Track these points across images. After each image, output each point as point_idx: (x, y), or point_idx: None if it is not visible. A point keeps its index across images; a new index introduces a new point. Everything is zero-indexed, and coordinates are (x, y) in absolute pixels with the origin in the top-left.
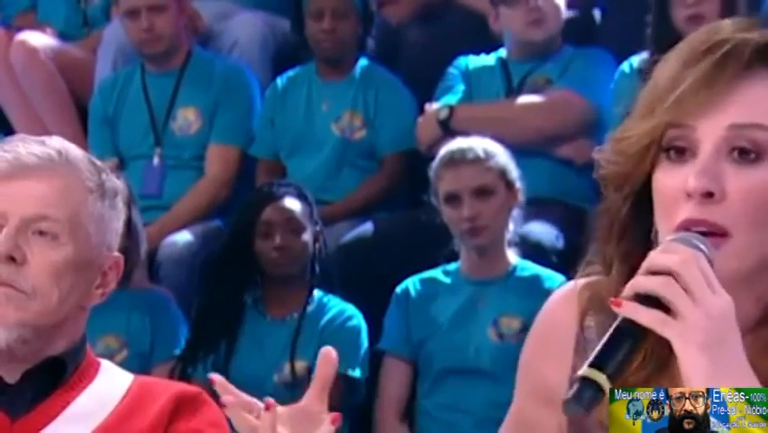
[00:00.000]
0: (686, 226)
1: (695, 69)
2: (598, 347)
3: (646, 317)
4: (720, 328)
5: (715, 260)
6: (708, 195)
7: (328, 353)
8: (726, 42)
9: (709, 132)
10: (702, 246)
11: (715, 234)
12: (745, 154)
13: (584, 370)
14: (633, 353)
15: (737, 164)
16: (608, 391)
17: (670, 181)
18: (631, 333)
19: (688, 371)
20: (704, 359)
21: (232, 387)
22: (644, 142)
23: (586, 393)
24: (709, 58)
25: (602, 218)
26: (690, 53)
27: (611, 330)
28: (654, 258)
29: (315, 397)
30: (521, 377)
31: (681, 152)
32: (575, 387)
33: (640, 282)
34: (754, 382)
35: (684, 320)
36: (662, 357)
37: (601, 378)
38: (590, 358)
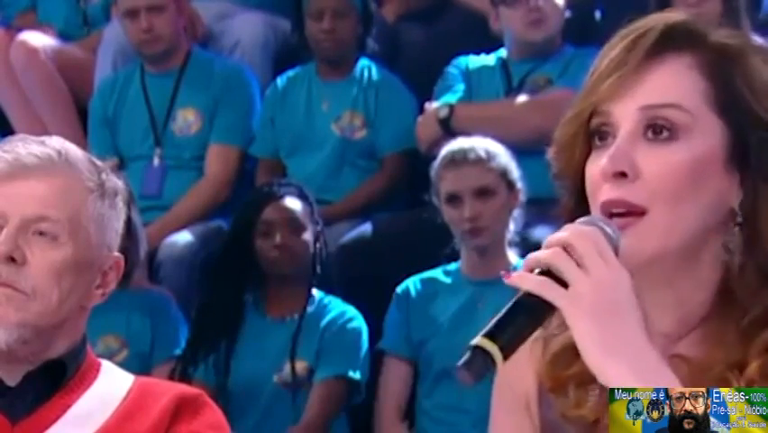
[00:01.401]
0: (604, 208)
1: (608, 55)
2: (495, 318)
3: (534, 284)
4: (612, 298)
5: (635, 238)
6: (622, 174)
7: None
8: (638, 29)
9: (624, 114)
10: (604, 226)
11: (632, 213)
12: (658, 133)
13: (477, 339)
14: (529, 326)
15: (652, 143)
16: (499, 361)
17: (594, 167)
18: (528, 306)
19: (578, 339)
20: (594, 328)
21: None
22: (571, 131)
23: (476, 362)
24: (621, 43)
25: (561, 219)
26: (611, 42)
27: (509, 303)
28: (550, 235)
29: None
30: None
31: (604, 138)
32: (467, 355)
33: (533, 255)
34: (650, 356)
35: (573, 288)
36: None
37: (494, 349)
38: (485, 328)
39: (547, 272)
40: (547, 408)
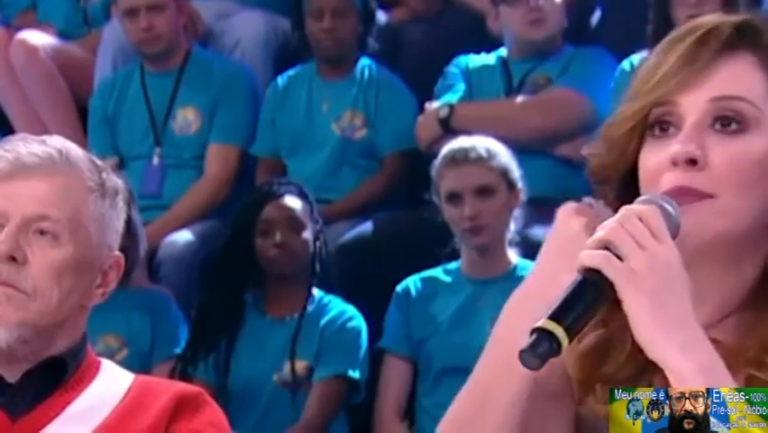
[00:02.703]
0: (670, 194)
1: (676, 50)
2: (558, 301)
3: (593, 258)
4: (664, 275)
5: (698, 218)
6: (692, 162)
7: None
8: (706, 24)
9: (692, 106)
10: (664, 204)
11: (700, 196)
12: (727, 125)
13: (541, 321)
14: (592, 308)
15: (720, 135)
16: (564, 343)
17: (655, 157)
18: (589, 285)
19: (630, 313)
20: (647, 303)
21: None
22: (630, 124)
23: (542, 345)
24: (690, 38)
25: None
26: (672, 39)
27: (571, 284)
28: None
29: None
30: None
31: (666, 129)
32: (531, 338)
33: (595, 236)
34: (696, 334)
35: (628, 264)
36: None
37: (558, 330)
38: (549, 310)
39: (607, 250)
40: (585, 406)
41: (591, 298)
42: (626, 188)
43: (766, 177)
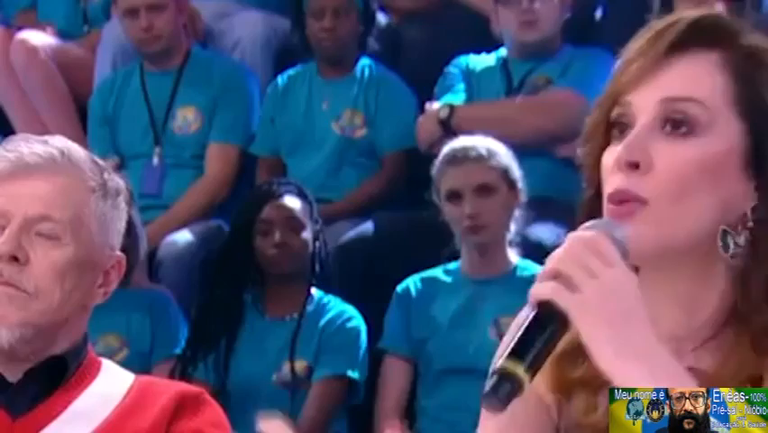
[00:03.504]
0: (610, 198)
1: (633, 48)
2: (515, 338)
3: (544, 290)
4: (618, 302)
5: (635, 229)
6: (634, 165)
7: None
8: (667, 21)
9: (643, 105)
10: (611, 229)
11: (635, 201)
12: (677, 128)
13: (501, 362)
14: (550, 341)
15: (669, 137)
16: (526, 383)
17: (610, 158)
18: (545, 319)
19: (589, 344)
20: (604, 332)
21: None
22: (594, 122)
23: (503, 387)
24: (645, 36)
25: (580, 214)
26: (637, 37)
27: (527, 319)
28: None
29: None
30: None
31: (623, 130)
32: (492, 380)
33: (545, 267)
34: (661, 354)
35: (581, 292)
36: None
37: (519, 370)
38: (507, 349)
39: (558, 279)
40: (566, 415)
41: (548, 331)
42: (596, 186)
43: (712, 183)
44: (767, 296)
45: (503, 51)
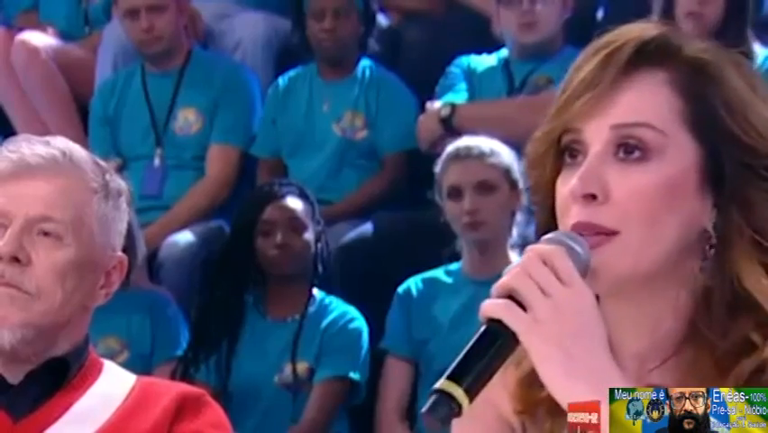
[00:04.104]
0: (574, 231)
1: (582, 71)
2: (458, 358)
3: (494, 308)
4: (571, 322)
5: (604, 258)
6: (591, 197)
7: None
8: (612, 43)
9: (595, 133)
10: (572, 243)
11: (603, 234)
12: (629, 153)
13: (441, 382)
14: (495, 361)
15: (623, 163)
16: (465, 405)
17: (563, 187)
18: (491, 337)
19: (537, 364)
20: (553, 352)
21: None
22: (542, 148)
23: (441, 407)
24: (594, 59)
25: (536, 238)
26: (583, 56)
27: (473, 339)
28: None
29: None
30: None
31: (574, 156)
32: (431, 399)
33: (498, 282)
34: (612, 375)
35: (533, 312)
36: None
37: (458, 391)
38: (449, 369)
39: (510, 298)
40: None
41: (494, 351)
42: (550, 211)
43: (673, 205)
44: (729, 313)
45: (504, 52)
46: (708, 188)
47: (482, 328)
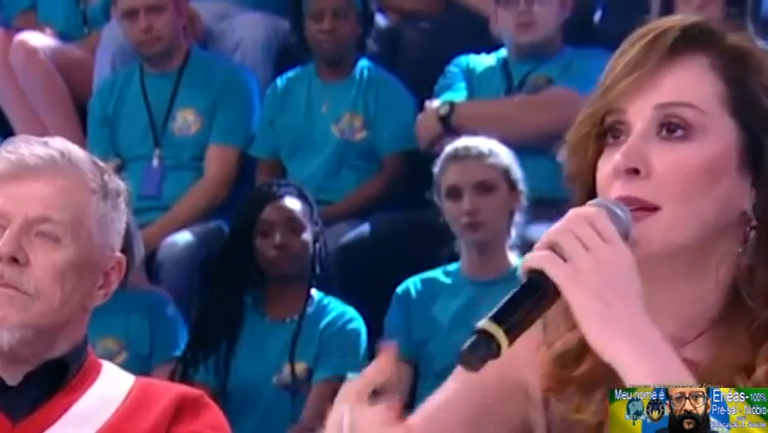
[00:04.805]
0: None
1: (627, 54)
2: (501, 302)
3: (536, 258)
4: (609, 275)
5: (644, 230)
6: (634, 171)
7: None
8: (655, 29)
9: (638, 112)
10: (613, 207)
11: (645, 209)
12: (672, 132)
13: (482, 322)
14: (535, 309)
15: (665, 141)
16: (504, 345)
17: (606, 165)
18: (533, 287)
19: (578, 314)
20: (593, 303)
21: None
22: (585, 130)
23: (481, 346)
24: (638, 44)
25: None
26: (628, 43)
27: (517, 287)
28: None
29: None
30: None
31: (617, 136)
32: (471, 339)
33: (542, 237)
34: (652, 333)
35: (573, 263)
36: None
37: (499, 332)
38: (492, 312)
39: (553, 250)
40: (553, 410)
41: (535, 300)
42: (592, 194)
43: (713, 183)
44: None
45: (503, 52)
46: (747, 171)
47: (525, 278)
